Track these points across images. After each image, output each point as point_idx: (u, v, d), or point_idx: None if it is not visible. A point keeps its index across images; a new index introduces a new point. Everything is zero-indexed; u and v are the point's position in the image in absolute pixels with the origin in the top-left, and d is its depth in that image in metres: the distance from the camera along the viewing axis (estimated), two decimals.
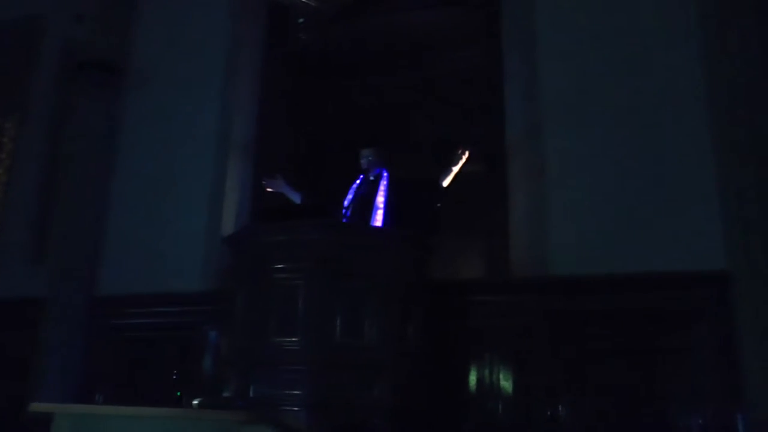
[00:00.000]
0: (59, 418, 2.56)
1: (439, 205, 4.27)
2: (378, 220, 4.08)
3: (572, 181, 4.25)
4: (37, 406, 2.85)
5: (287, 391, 3.38)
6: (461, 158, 4.16)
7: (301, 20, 5.67)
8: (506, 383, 4.01)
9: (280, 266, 3.59)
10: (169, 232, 5.07)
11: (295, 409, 3.31)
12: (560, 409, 3.88)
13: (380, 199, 4.13)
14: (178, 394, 4.17)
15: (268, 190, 4.50)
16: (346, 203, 4.17)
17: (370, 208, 4.11)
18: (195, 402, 2.51)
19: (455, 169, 4.18)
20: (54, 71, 5.96)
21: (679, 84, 4.18)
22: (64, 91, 5.76)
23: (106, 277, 5.16)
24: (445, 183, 4.21)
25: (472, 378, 4.07)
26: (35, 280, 5.19)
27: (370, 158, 4.34)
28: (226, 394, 3.60)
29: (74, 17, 5.76)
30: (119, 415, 2.63)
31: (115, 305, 5.04)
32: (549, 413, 3.88)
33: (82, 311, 5.02)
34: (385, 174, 4.28)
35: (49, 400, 4.61)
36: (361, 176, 4.36)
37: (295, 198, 4.46)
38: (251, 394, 3.41)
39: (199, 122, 5.28)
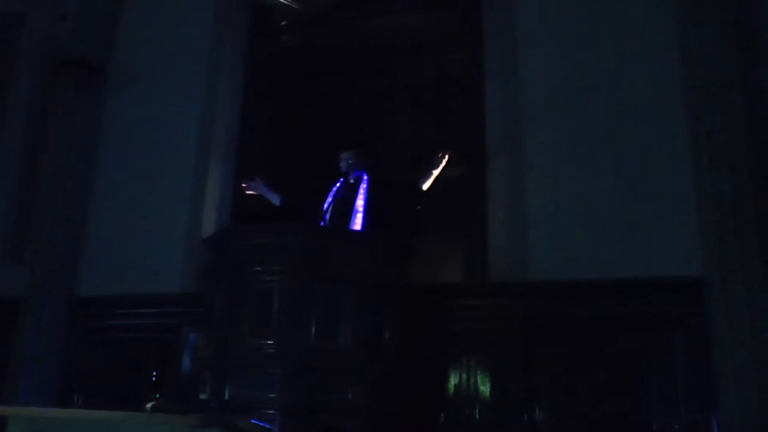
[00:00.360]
0: (13, 422, 2.54)
1: (419, 208, 4.28)
2: (357, 223, 4.07)
3: (552, 185, 4.28)
4: None
5: (262, 394, 3.37)
6: (441, 161, 4.16)
7: (284, 23, 5.67)
8: (484, 387, 4.03)
9: (258, 268, 3.58)
10: (149, 233, 5.05)
11: (270, 412, 3.31)
12: (537, 412, 3.91)
13: (360, 203, 4.12)
14: (157, 396, 4.16)
15: (248, 192, 4.49)
16: (325, 206, 4.16)
17: (349, 211, 4.11)
18: (148, 406, 2.51)
19: (435, 172, 4.18)
20: (35, 69, 5.89)
21: (658, 88, 4.22)
22: (45, 90, 5.71)
23: (87, 277, 5.13)
24: (425, 186, 4.21)
25: (450, 381, 4.09)
26: (15, 280, 5.14)
27: (350, 161, 4.33)
28: (203, 396, 3.60)
29: (56, 15, 5.72)
30: (73, 419, 2.62)
31: (95, 306, 5.02)
32: (526, 417, 3.91)
33: (62, 312, 4.99)
34: (365, 177, 4.27)
35: (27, 401, 4.59)
36: (341, 179, 4.35)
37: (275, 200, 4.46)
38: (226, 396, 3.41)
39: (181, 123, 5.26)
